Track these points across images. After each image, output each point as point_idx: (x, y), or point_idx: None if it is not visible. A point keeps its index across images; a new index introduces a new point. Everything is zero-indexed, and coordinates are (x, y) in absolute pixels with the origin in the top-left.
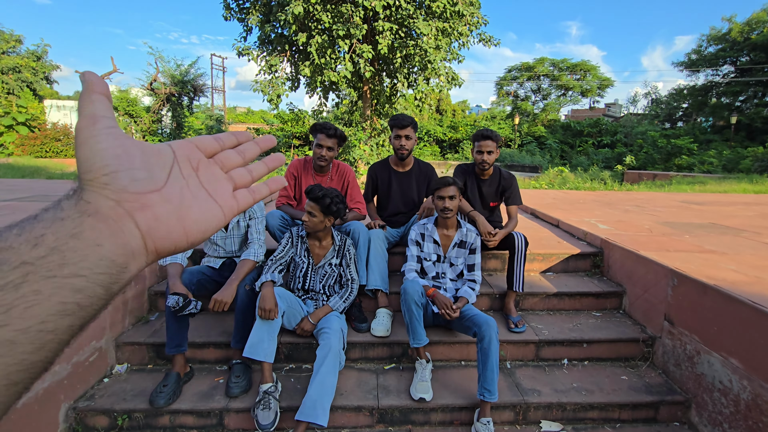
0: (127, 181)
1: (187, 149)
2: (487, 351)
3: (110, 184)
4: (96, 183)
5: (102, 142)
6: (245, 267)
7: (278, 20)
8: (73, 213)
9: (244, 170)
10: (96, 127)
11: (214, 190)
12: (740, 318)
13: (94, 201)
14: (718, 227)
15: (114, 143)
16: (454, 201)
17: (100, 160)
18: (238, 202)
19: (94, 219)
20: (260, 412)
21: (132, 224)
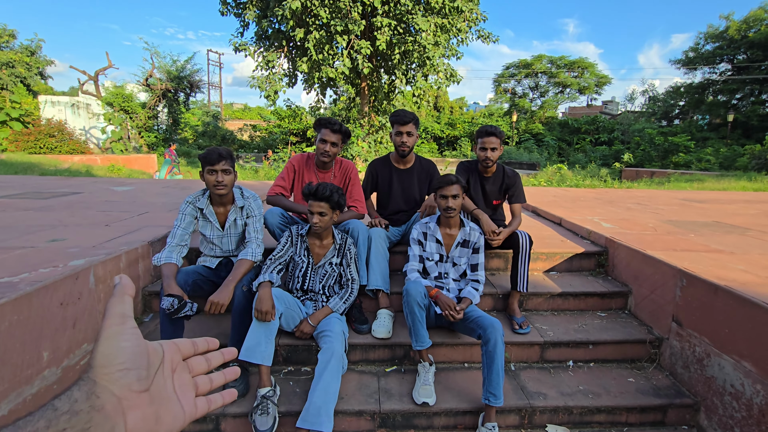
0: (134, 379)
1: (172, 351)
2: (493, 354)
3: (120, 380)
4: (109, 378)
5: (127, 340)
6: (242, 267)
7: (275, 15)
8: (85, 407)
9: (207, 378)
10: (124, 327)
11: (182, 395)
12: (754, 320)
13: (102, 396)
14: (723, 226)
15: (135, 343)
16: (457, 200)
17: (121, 357)
18: (197, 409)
19: (99, 415)
20: (258, 418)
21: (122, 423)
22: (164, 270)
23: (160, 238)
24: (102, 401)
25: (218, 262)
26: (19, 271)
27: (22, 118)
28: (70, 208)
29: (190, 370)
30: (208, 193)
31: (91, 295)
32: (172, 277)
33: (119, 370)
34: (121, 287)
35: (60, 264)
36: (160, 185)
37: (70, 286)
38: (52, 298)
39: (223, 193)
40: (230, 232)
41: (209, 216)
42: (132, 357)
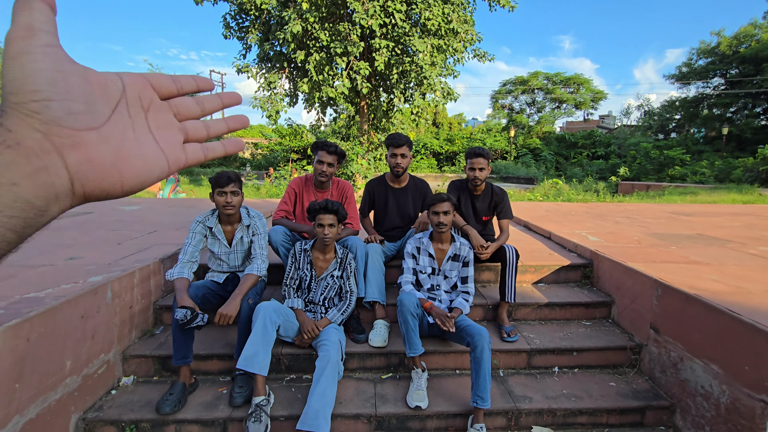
0: (61, 113)
1: (140, 85)
2: (480, 360)
3: (40, 113)
4: (23, 108)
5: (38, 61)
6: (248, 281)
7: (277, 38)
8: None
9: (201, 123)
10: (33, 41)
11: (162, 138)
12: (720, 326)
13: (16, 130)
14: (705, 238)
15: (51, 66)
16: (448, 216)
17: (32, 83)
18: (186, 155)
19: (13, 152)
20: (251, 425)
21: (60, 162)
22: (177, 284)
23: (170, 255)
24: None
25: (225, 277)
26: (43, 287)
27: None
28: (83, 228)
29: (176, 112)
30: (217, 213)
31: (108, 309)
32: (185, 290)
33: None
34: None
35: (80, 280)
36: (166, 204)
37: (89, 301)
38: (74, 312)
39: (232, 213)
40: (237, 249)
41: (218, 234)
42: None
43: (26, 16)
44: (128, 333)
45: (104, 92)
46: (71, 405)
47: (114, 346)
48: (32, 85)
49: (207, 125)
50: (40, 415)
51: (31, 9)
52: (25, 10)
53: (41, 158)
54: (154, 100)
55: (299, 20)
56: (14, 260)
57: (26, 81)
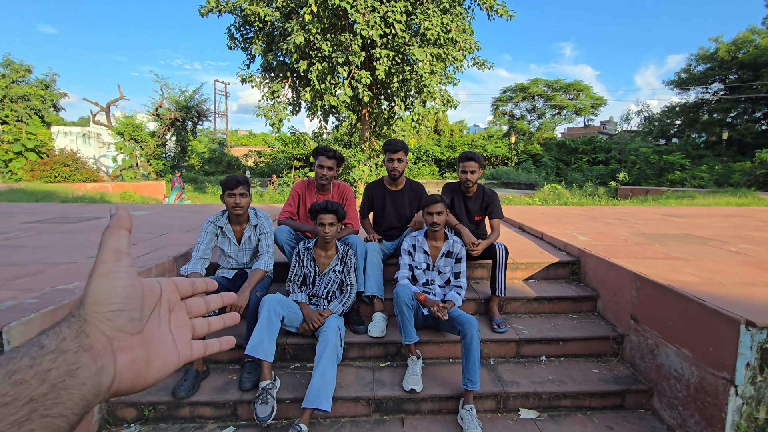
0: (126, 320)
1: (171, 290)
2: (470, 345)
3: (112, 321)
4: (100, 317)
5: (121, 279)
6: (256, 276)
7: (280, 49)
8: (72, 345)
9: (204, 321)
10: (119, 263)
11: (178, 335)
12: (689, 313)
13: (92, 335)
14: (690, 237)
15: (128, 282)
16: (441, 216)
17: (114, 296)
18: (192, 352)
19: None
20: (259, 406)
21: (111, 365)
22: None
23: (182, 254)
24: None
25: (234, 273)
26: (71, 280)
27: (37, 148)
28: (98, 231)
29: (188, 311)
30: (227, 214)
31: None
32: None
33: (111, 310)
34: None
35: None
36: (174, 210)
37: None
38: None
39: (240, 213)
40: (245, 247)
41: (228, 233)
42: (125, 298)
43: (115, 241)
44: None
45: (150, 299)
46: None
47: None
48: (113, 298)
49: (209, 322)
50: None
51: (119, 236)
52: (113, 237)
53: (103, 359)
54: (178, 302)
55: (302, 31)
56: (38, 259)
57: (109, 294)
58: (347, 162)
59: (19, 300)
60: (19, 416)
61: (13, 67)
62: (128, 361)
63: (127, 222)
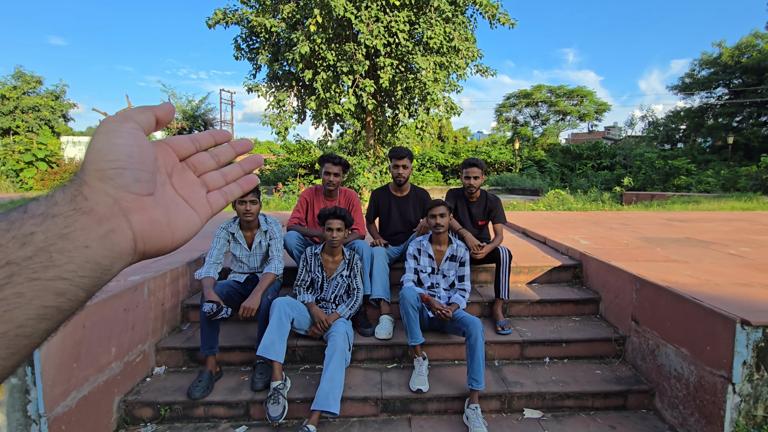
0: (132, 180)
1: (165, 153)
2: (474, 346)
3: (114, 179)
4: (100, 176)
5: (122, 137)
6: (267, 279)
7: (286, 59)
8: (66, 209)
9: (218, 173)
10: (124, 124)
11: (190, 197)
12: (686, 313)
13: (91, 197)
14: (692, 241)
15: (132, 141)
16: (444, 218)
17: (114, 153)
18: (212, 206)
19: (87, 218)
20: (271, 406)
21: (126, 224)
22: (204, 282)
23: (195, 259)
24: (91, 203)
25: (246, 278)
26: None
27: (47, 158)
28: None
29: (194, 169)
30: (238, 220)
31: (145, 304)
32: (211, 287)
33: (112, 168)
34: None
35: (121, 279)
36: None
37: (131, 296)
38: (119, 305)
39: (251, 220)
40: (256, 252)
41: (239, 239)
42: (127, 156)
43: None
44: (161, 327)
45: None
46: (115, 387)
47: (149, 338)
48: (113, 155)
49: (224, 173)
50: (92, 393)
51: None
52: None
53: (111, 221)
54: (176, 165)
55: (307, 41)
56: None
57: (109, 151)
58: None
59: None
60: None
61: (24, 79)
62: (146, 221)
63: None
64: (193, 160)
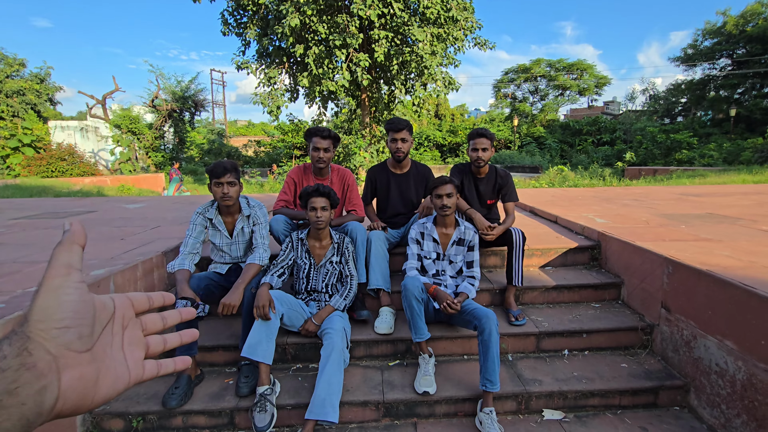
0: (74, 337)
1: (125, 306)
2: (488, 343)
3: (58, 338)
4: (45, 334)
5: (69, 294)
6: (251, 271)
7: (275, 33)
8: (13, 363)
9: (160, 339)
10: (69, 278)
11: (130, 354)
12: (733, 301)
13: (35, 354)
14: (715, 217)
15: (77, 297)
16: (451, 198)
17: (61, 312)
18: (144, 372)
19: (29, 374)
20: (257, 415)
21: (56, 383)
22: (178, 275)
23: (172, 248)
24: (34, 359)
25: (228, 268)
26: None
27: (34, 143)
28: (86, 226)
29: (143, 327)
30: (216, 204)
31: None
32: (185, 281)
33: (57, 327)
34: (71, 235)
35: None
36: (170, 201)
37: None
38: None
39: (230, 204)
40: (238, 240)
41: (218, 225)
42: (74, 313)
43: (66, 256)
44: None
45: (102, 315)
46: None
47: None
48: (60, 314)
49: (165, 340)
50: None
51: (71, 251)
52: (65, 252)
53: (46, 378)
54: (132, 319)
55: (297, 13)
56: (18, 258)
57: (57, 311)
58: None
59: None
60: None
61: (7, 62)
62: (75, 378)
63: (80, 237)
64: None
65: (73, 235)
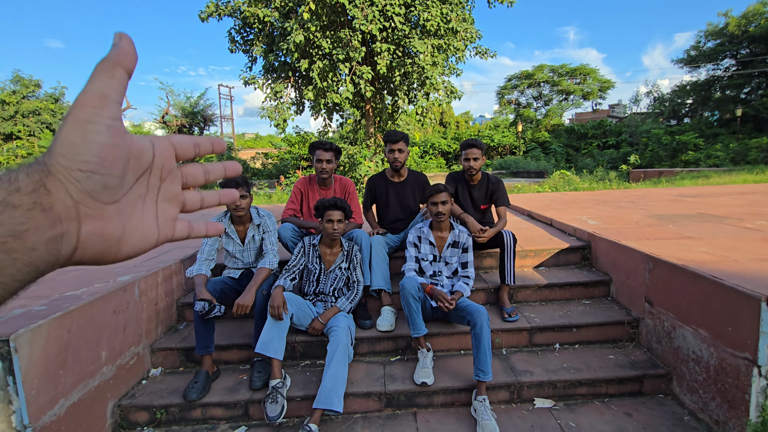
0: (99, 186)
1: (166, 154)
2: (480, 335)
3: (81, 183)
4: (68, 173)
5: (99, 133)
6: (262, 274)
7: (281, 49)
8: (27, 200)
9: (197, 196)
10: (102, 111)
11: (162, 210)
12: (704, 292)
13: (55, 193)
14: (704, 216)
15: (109, 140)
16: (446, 206)
17: (87, 153)
18: (174, 232)
19: (43, 216)
20: (269, 406)
21: (75, 232)
22: (196, 279)
23: (189, 256)
24: (51, 200)
25: (240, 273)
26: (79, 286)
27: None
28: None
29: (183, 180)
30: (229, 215)
31: (136, 305)
32: (203, 285)
33: (82, 170)
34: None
35: (110, 280)
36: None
37: (120, 297)
38: (107, 307)
39: (242, 215)
40: (250, 247)
41: (231, 234)
42: (101, 159)
43: (104, 82)
44: (155, 328)
45: (137, 163)
46: (107, 392)
47: (143, 339)
48: (86, 155)
49: (202, 198)
50: (82, 399)
51: (111, 76)
52: (103, 76)
53: (63, 225)
54: (173, 169)
55: (301, 30)
56: None
57: (82, 150)
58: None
59: (28, 307)
60: None
61: (23, 83)
62: (96, 233)
63: (128, 58)
64: (187, 169)
65: (120, 53)
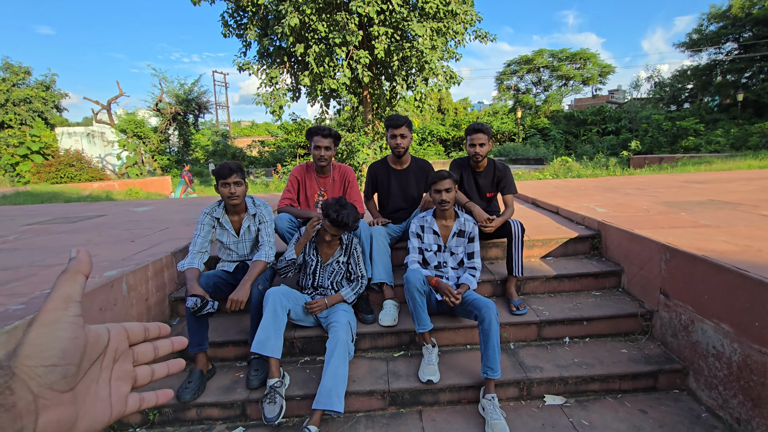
0: (59, 377)
1: (119, 338)
2: (488, 331)
3: (42, 377)
4: (31, 372)
5: (65, 330)
6: (257, 267)
7: (276, 33)
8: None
9: (148, 370)
10: (67, 312)
11: (116, 390)
12: (728, 285)
13: (17, 392)
14: (716, 203)
15: (72, 335)
16: (450, 193)
17: (50, 350)
18: (126, 407)
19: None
20: (266, 406)
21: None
22: (187, 274)
23: (181, 249)
24: (15, 398)
25: (235, 266)
26: None
27: (42, 150)
28: (97, 229)
29: (135, 358)
30: (223, 204)
31: (125, 302)
32: (195, 279)
33: (45, 365)
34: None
35: (96, 275)
36: (177, 204)
37: (106, 294)
38: (93, 304)
39: (237, 203)
40: (245, 238)
41: (225, 224)
42: (64, 352)
43: (67, 287)
44: None
45: (93, 350)
46: None
47: None
48: (50, 352)
49: (153, 370)
50: None
51: (74, 282)
52: (67, 284)
53: (23, 420)
54: (125, 351)
55: (296, 13)
56: (33, 262)
57: (47, 347)
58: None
59: (6, 306)
60: None
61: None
62: (53, 420)
63: (86, 266)
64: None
65: (79, 263)
